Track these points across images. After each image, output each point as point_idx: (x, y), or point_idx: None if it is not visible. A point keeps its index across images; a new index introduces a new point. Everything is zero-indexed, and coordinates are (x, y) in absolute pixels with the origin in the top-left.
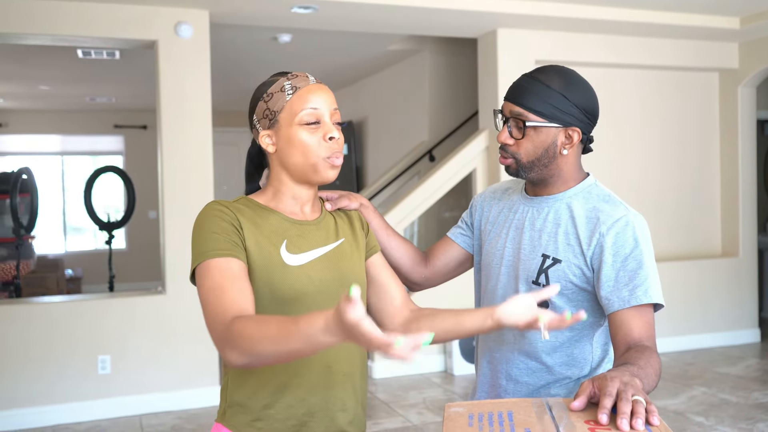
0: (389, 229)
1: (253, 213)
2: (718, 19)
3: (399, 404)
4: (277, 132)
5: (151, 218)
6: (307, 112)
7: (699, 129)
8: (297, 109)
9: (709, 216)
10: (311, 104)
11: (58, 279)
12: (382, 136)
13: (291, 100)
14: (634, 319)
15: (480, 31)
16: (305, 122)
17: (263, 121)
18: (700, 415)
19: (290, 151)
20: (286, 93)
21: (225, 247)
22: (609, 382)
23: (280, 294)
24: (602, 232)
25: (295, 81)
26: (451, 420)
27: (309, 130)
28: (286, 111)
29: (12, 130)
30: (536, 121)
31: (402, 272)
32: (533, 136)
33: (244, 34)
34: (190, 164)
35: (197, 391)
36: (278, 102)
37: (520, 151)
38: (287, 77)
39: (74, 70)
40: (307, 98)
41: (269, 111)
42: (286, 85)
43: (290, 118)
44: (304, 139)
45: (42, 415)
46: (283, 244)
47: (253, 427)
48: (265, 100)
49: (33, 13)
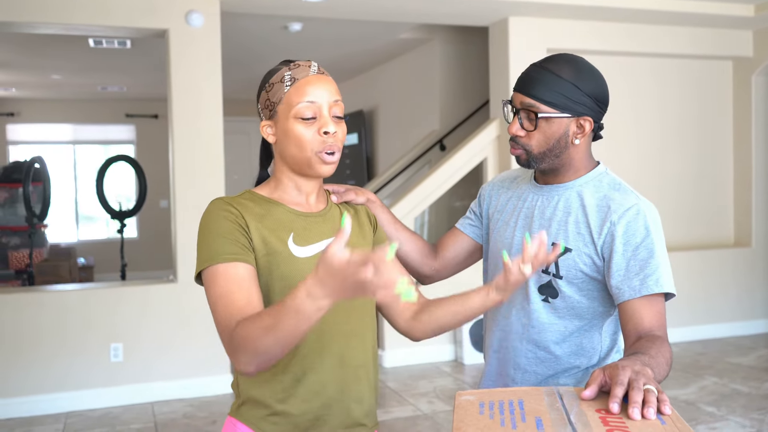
0: (398, 223)
1: (258, 207)
2: (733, 7)
3: (409, 393)
4: (276, 123)
5: (162, 207)
6: (304, 105)
7: (712, 118)
8: (294, 101)
9: (722, 206)
10: (308, 97)
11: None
12: (392, 125)
13: (289, 92)
14: (645, 308)
15: (491, 20)
16: (301, 116)
17: (264, 111)
18: (711, 405)
19: (287, 144)
20: (284, 84)
21: (232, 251)
22: (620, 371)
23: (289, 287)
24: (613, 221)
25: (295, 72)
26: (462, 408)
27: (305, 124)
28: (284, 103)
29: (24, 120)
30: (548, 112)
31: (412, 266)
32: (545, 127)
33: (254, 23)
34: (201, 153)
35: (209, 379)
36: (277, 93)
37: (532, 142)
38: (289, 67)
39: (86, 60)
40: (305, 90)
41: (269, 102)
42: (285, 76)
43: (287, 110)
44: (300, 132)
45: (55, 402)
46: (290, 236)
47: (268, 422)
48: (267, 90)
49: (45, 2)
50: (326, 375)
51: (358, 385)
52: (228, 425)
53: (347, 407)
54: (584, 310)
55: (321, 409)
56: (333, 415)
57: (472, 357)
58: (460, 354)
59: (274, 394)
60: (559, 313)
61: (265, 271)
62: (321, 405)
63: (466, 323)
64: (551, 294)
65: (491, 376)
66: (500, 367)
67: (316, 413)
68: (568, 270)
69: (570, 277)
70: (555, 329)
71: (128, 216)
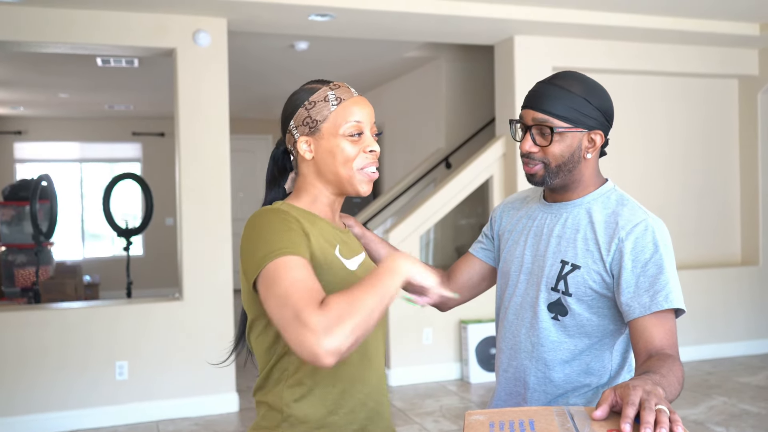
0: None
1: (304, 218)
2: (738, 26)
3: (415, 412)
4: (318, 140)
5: (168, 225)
6: (351, 124)
7: (718, 136)
8: (341, 121)
9: (729, 224)
10: (355, 117)
11: (77, 285)
12: (398, 143)
13: (335, 110)
14: (656, 326)
15: (497, 38)
16: (349, 134)
17: (302, 128)
18: (720, 425)
19: (331, 161)
20: (330, 103)
21: (300, 249)
22: (631, 391)
23: None
24: (621, 237)
25: (339, 92)
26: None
27: (351, 142)
28: (329, 121)
29: (31, 138)
30: (562, 127)
31: None
32: (559, 141)
33: (261, 42)
34: (207, 171)
35: (215, 397)
36: (322, 111)
37: (548, 156)
38: (329, 87)
39: (93, 78)
40: (352, 110)
41: (311, 119)
42: (330, 95)
43: (334, 128)
44: (347, 150)
45: (60, 421)
46: (336, 248)
47: None
48: (307, 108)
49: (52, 22)
50: (369, 386)
51: (387, 395)
52: None
53: (385, 416)
54: (594, 329)
55: (365, 420)
56: (375, 424)
57: (478, 376)
58: (466, 373)
59: (322, 408)
60: (569, 331)
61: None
62: (365, 416)
63: None
64: (561, 312)
65: (501, 396)
66: (510, 386)
67: (361, 423)
68: (578, 287)
69: (579, 295)
70: (565, 348)
71: (134, 234)
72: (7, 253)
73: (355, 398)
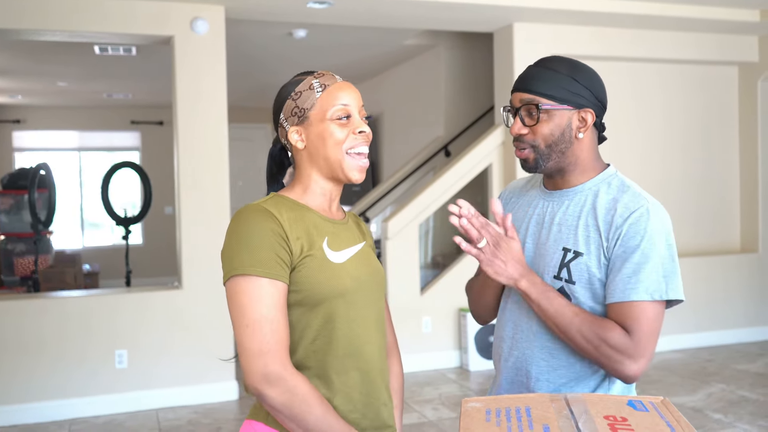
0: None
1: (291, 212)
2: (738, 12)
3: (415, 400)
4: (307, 128)
5: (167, 214)
6: (338, 108)
7: (718, 123)
8: (327, 105)
9: (729, 211)
10: (341, 101)
11: (76, 274)
12: (397, 131)
13: (321, 97)
14: (629, 313)
15: (496, 26)
16: (337, 117)
17: (291, 118)
18: (718, 412)
19: (321, 146)
20: (315, 90)
21: (274, 268)
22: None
23: (321, 291)
24: (618, 224)
25: (323, 79)
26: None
27: (340, 125)
28: (316, 108)
29: (30, 126)
30: (548, 104)
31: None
32: (547, 120)
33: (259, 30)
34: (206, 160)
35: (214, 385)
36: (308, 99)
37: (537, 137)
38: (314, 76)
39: (91, 67)
40: (337, 95)
41: (298, 108)
42: (314, 83)
43: (321, 114)
44: (336, 133)
45: (59, 409)
46: (324, 240)
47: None
48: (294, 98)
49: (50, 10)
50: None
51: (384, 389)
52: (247, 428)
53: (377, 410)
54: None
55: (353, 413)
56: (367, 419)
57: (477, 364)
58: (465, 361)
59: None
60: None
61: (300, 275)
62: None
63: None
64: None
65: (503, 385)
66: (511, 375)
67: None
68: (581, 275)
69: (583, 282)
70: None
71: (133, 222)
72: (6, 242)
73: (343, 393)
